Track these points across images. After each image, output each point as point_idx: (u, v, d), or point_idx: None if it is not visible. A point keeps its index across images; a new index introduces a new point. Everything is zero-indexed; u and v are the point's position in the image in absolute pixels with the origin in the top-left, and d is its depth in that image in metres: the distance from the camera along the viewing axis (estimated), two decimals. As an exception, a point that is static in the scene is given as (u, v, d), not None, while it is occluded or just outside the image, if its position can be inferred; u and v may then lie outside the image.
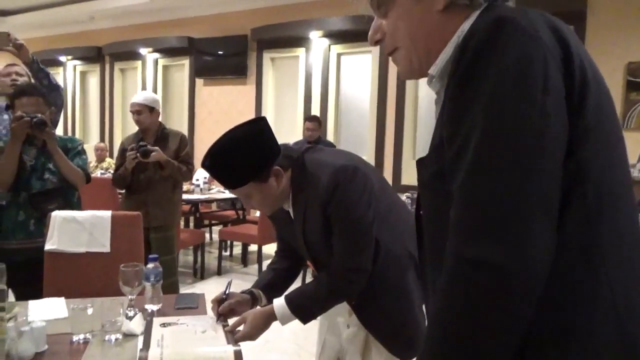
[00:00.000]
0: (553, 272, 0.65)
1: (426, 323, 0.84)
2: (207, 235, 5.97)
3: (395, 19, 0.84)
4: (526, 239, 0.63)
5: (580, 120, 0.68)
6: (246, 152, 1.38)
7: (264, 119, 1.44)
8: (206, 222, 5.73)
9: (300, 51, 6.17)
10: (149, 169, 3.28)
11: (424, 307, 1.35)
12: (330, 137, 6.05)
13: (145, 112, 3.31)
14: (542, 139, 0.65)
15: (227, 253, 5.70)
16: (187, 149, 3.41)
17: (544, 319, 0.67)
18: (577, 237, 0.68)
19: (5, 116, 2.80)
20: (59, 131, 3.18)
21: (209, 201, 5.33)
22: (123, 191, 3.50)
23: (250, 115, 6.53)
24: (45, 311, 1.63)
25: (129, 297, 1.64)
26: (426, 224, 0.84)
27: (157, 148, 3.20)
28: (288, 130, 6.27)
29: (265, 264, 2.39)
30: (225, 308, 1.55)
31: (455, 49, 0.74)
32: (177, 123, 7.24)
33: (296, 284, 1.65)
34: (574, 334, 0.67)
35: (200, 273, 4.78)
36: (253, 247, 5.09)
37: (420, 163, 0.82)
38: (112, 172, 3.49)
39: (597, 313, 0.67)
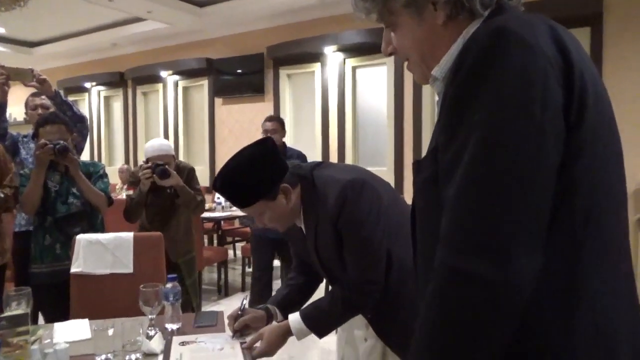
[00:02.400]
0: (535, 288, 0.65)
1: None
2: (231, 252, 6.02)
3: (401, 36, 0.86)
4: (518, 257, 0.63)
5: (576, 136, 0.67)
6: (253, 172, 1.41)
7: (269, 139, 1.47)
8: (229, 239, 5.79)
9: (316, 66, 6.23)
10: (164, 206, 2.94)
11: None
12: (348, 150, 6.06)
13: (172, 163, 2.92)
14: (539, 157, 0.64)
15: (251, 269, 5.73)
16: (196, 180, 3.11)
17: (524, 338, 0.67)
18: (562, 253, 0.67)
19: (32, 144, 2.92)
20: (86, 155, 3.23)
21: (230, 218, 5.38)
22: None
23: (269, 131, 6.61)
24: (70, 333, 1.68)
25: (149, 316, 1.68)
26: (418, 229, 0.84)
27: (174, 172, 2.83)
28: (306, 145, 6.30)
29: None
30: (240, 324, 1.58)
31: (456, 56, 0.74)
32: (199, 142, 7.37)
33: (319, 296, 1.65)
34: (554, 356, 0.67)
35: (224, 290, 4.83)
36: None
37: (417, 165, 0.82)
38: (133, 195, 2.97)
39: (578, 331, 0.67)
